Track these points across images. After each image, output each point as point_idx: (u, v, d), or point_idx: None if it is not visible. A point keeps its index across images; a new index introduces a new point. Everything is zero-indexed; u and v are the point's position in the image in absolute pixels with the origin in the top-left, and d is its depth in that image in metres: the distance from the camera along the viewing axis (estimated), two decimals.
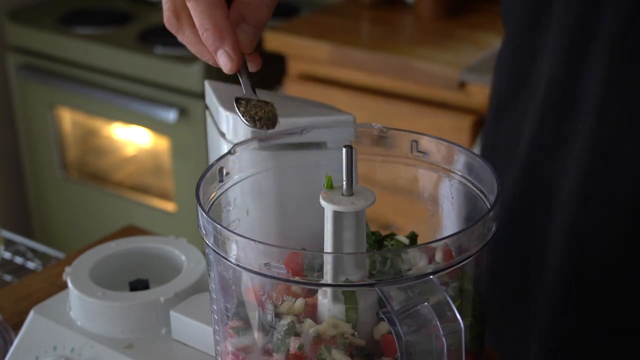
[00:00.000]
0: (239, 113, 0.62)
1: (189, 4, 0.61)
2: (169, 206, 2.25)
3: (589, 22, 0.78)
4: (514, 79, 0.89)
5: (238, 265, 0.55)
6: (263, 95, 0.73)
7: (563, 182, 0.82)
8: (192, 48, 0.64)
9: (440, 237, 0.58)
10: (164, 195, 2.29)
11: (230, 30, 0.61)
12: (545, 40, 0.83)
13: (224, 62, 0.62)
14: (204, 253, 0.72)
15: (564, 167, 0.82)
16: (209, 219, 0.56)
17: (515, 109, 0.89)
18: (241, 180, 0.65)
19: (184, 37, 0.64)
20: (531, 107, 0.85)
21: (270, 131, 0.66)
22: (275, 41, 1.95)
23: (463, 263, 0.55)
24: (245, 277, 0.57)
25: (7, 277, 1.07)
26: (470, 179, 0.62)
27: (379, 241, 0.65)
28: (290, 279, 0.53)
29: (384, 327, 0.57)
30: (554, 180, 0.83)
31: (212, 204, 0.61)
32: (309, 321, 0.57)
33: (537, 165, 0.85)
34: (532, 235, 0.87)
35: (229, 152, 0.64)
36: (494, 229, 0.56)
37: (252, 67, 0.66)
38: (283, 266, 0.53)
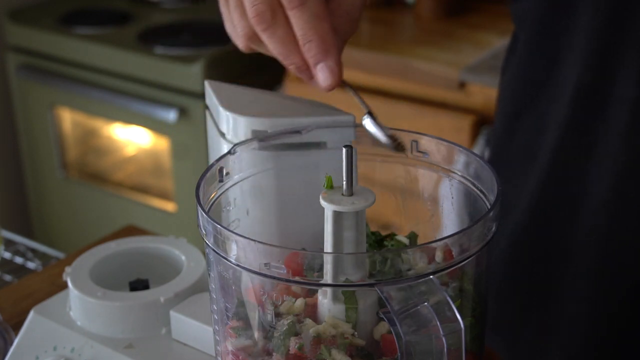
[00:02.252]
0: (381, 132, 0.59)
1: (290, 12, 0.58)
2: (169, 206, 2.26)
3: (619, 24, 0.77)
4: (531, 84, 0.87)
5: (238, 265, 0.55)
6: (265, 95, 0.73)
7: (593, 186, 0.81)
8: (278, 48, 0.60)
9: (440, 237, 0.58)
10: (164, 195, 2.29)
11: (335, 45, 0.58)
12: (568, 44, 0.81)
13: (326, 76, 0.59)
14: (204, 253, 0.72)
15: (594, 171, 0.81)
16: (209, 219, 0.56)
17: (534, 114, 0.87)
18: (241, 180, 0.65)
19: (273, 36, 0.60)
20: (554, 111, 0.84)
21: (270, 131, 0.66)
22: None
23: (463, 263, 0.55)
24: (245, 277, 0.57)
25: (7, 277, 1.07)
26: (470, 179, 0.62)
27: (379, 241, 0.65)
28: (290, 279, 0.53)
29: (384, 327, 0.57)
30: (583, 184, 0.82)
31: (212, 204, 0.61)
32: (309, 321, 0.57)
33: (563, 169, 0.84)
34: (556, 240, 0.86)
35: (229, 152, 0.64)
36: (494, 229, 0.56)
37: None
38: (283, 266, 0.53)
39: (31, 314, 0.78)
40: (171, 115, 2.06)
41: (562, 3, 0.82)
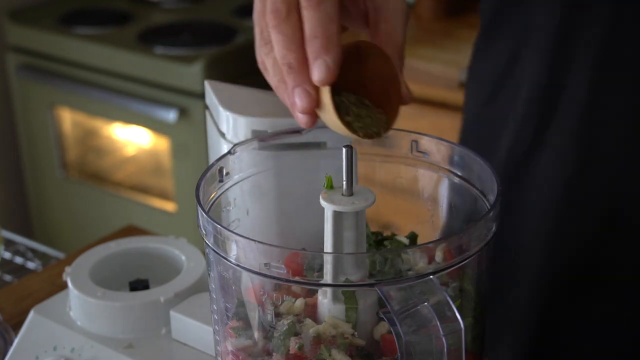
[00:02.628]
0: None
1: (305, 10, 0.60)
2: (169, 206, 2.25)
3: (572, 26, 0.78)
4: (493, 81, 0.89)
5: (238, 265, 0.55)
6: (265, 95, 0.73)
7: (543, 185, 0.82)
8: (280, 42, 0.61)
9: (440, 237, 0.58)
10: (164, 195, 2.29)
11: (338, 45, 0.60)
12: (525, 42, 0.83)
13: (321, 71, 0.59)
14: (204, 253, 0.72)
15: (545, 170, 0.82)
16: (209, 219, 0.56)
17: (494, 110, 0.88)
18: (241, 180, 0.65)
19: (283, 29, 0.61)
20: (511, 108, 0.85)
21: (270, 131, 0.66)
22: None
23: (463, 263, 0.55)
24: (245, 277, 0.57)
25: (7, 277, 1.07)
26: (471, 179, 0.62)
27: (379, 241, 0.65)
28: (290, 279, 0.53)
29: (384, 327, 0.57)
30: (533, 183, 0.83)
31: (212, 204, 0.61)
32: (309, 321, 0.57)
33: (516, 166, 0.85)
34: (509, 237, 0.86)
35: (229, 152, 0.64)
36: (494, 229, 0.56)
37: None
38: (283, 266, 0.53)
39: (31, 314, 0.78)
40: (171, 115, 2.06)
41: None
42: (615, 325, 0.83)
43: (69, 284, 0.77)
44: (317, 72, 0.59)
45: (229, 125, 0.68)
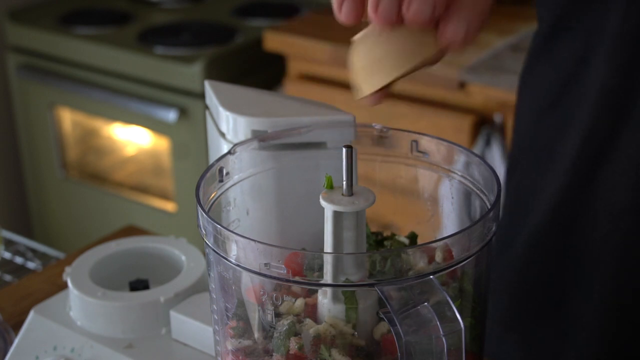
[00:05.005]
0: None
1: None
2: (169, 206, 2.26)
3: None
4: (556, 83, 0.85)
5: (238, 265, 0.55)
6: (265, 95, 0.73)
7: (613, 193, 0.80)
8: None
9: (440, 237, 0.58)
10: (164, 195, 2.29)
11: None
12: (596, 45, 0.80)
13: None
14: (204, 253, 0.72)
15: (615, 178, 0.80)
16: (209, 219, 0.56)
17: (558, 114, 0.85)
18: (241, 180, 0.65)
19: None
20: (578, 113, 0.82)
21: (270, 131, 0.66)
22: (275, 41, 1.95)
23: (463, 263, 0.55)
24: (245, 277, 0.57)
25: (7, 277, 1.07)
26: (470, 179, 0.62)
27: (378, 241, 0.65)
28: (290, 279, 0.53)
29: (384, 327, 0.57)
30: (603, 190, 0.81)
31: (212, 204, 0.62)
32: (309, 321, 0.57)
33: (584, 173, 0.82)
34: (574, 244, 0.85)
35: (229, 152, 0.64)
36: (494, 229, 0.56)
37: None
38: (283, 266, 0.53)
39: (31, 314, 0.78)
40: (171, 115, 2.06)
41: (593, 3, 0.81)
42: None
43: (69, 284, 0.77)
44: None
45: (229, 125, 0.68)
